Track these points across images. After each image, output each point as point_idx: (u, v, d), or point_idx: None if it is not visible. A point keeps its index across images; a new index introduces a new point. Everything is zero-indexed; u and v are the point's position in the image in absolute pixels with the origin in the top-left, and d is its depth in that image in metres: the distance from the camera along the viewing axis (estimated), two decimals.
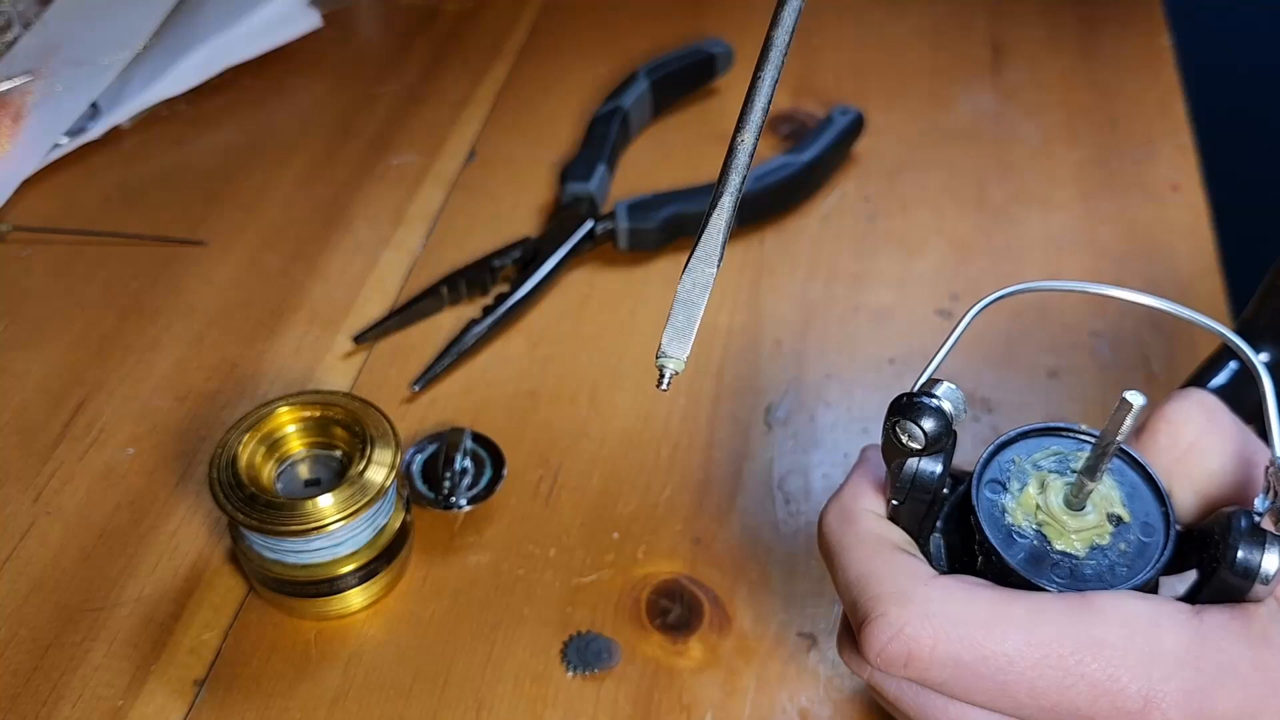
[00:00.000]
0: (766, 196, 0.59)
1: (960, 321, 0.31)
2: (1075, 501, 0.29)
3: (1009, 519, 0.30)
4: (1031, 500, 0.30)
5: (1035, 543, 0.29)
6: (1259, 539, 0.27)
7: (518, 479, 0.48)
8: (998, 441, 0.31)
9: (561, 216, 0.58)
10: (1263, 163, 0.73)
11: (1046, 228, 0.60)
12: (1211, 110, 0.62)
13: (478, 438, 0.47)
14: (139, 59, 0.66)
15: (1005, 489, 0.30)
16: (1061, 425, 0.31)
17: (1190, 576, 0.30)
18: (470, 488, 0.46)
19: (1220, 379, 0.35)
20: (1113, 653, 0.26)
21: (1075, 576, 0.29)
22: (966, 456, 0.33)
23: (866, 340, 0.55)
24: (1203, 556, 0.29)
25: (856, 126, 0.63)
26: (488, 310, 0.54)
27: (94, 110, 0.65)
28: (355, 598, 0.43)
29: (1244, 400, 0.31)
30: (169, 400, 0.51)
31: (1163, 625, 0.27)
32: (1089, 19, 0.74)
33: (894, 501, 0.31)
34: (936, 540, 0.32)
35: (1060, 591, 0.28)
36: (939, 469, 0.29)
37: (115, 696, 0.41)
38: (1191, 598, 0.29)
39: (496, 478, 0.46)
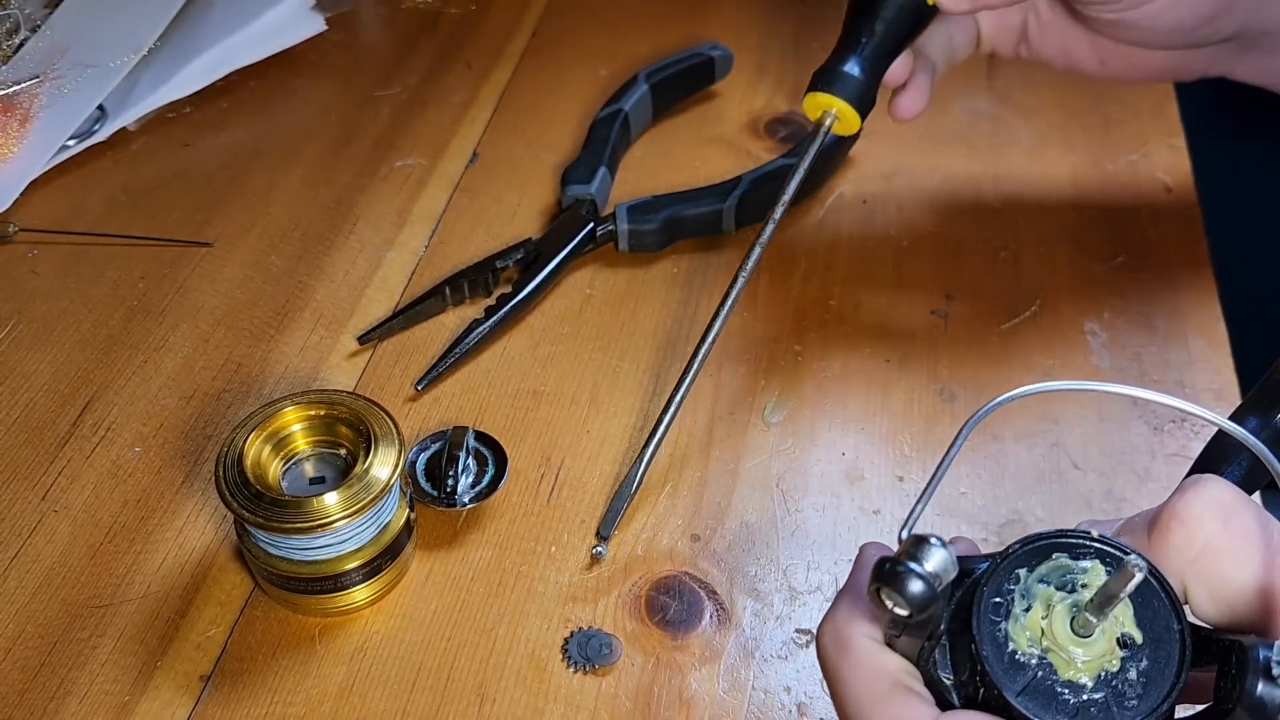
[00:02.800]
0: (765, 198, 0.59)
1: (951, 449, 0.29)
2: (1082, 630, 0.28)
3: (1013, 644, 0.28)
4: (1037, 624, 0.28)
5: (1039, 673, 0.28)
6: (1277, 675, 0.25)
7: (520, 477, 0.49)
8: (1001, 554, 0.29)
9: (563, 218, 0.58)
10: (1256, 164, 0.73)
11: (1041, 229, 0.61)
12: (1205, 112, 0.63)
13: (480, 436, 0.48)
14: (145, 62, 0.66)
15: (1009, 612, 0.28)
16: (1071, 533, 0.29)
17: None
18: (473, 485, 0.46)
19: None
20: None
21: (1081, 713, 0.27)
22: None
23: (863, 340, 0.55)
24: (1220, 683, 0.27)
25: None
26: (490, 310, 0.54)
27: (100, 113, 0.65)
28: (359, 594, 0.44)
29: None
30: (175, 399, 0.52)
31: None
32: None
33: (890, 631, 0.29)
34: (943, 645, 0.30)
35: None
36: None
37: (122, 692, 0.42)
38: None
39: (499, 475, 0.47)
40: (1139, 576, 0.25)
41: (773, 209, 0.48)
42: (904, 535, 0.28)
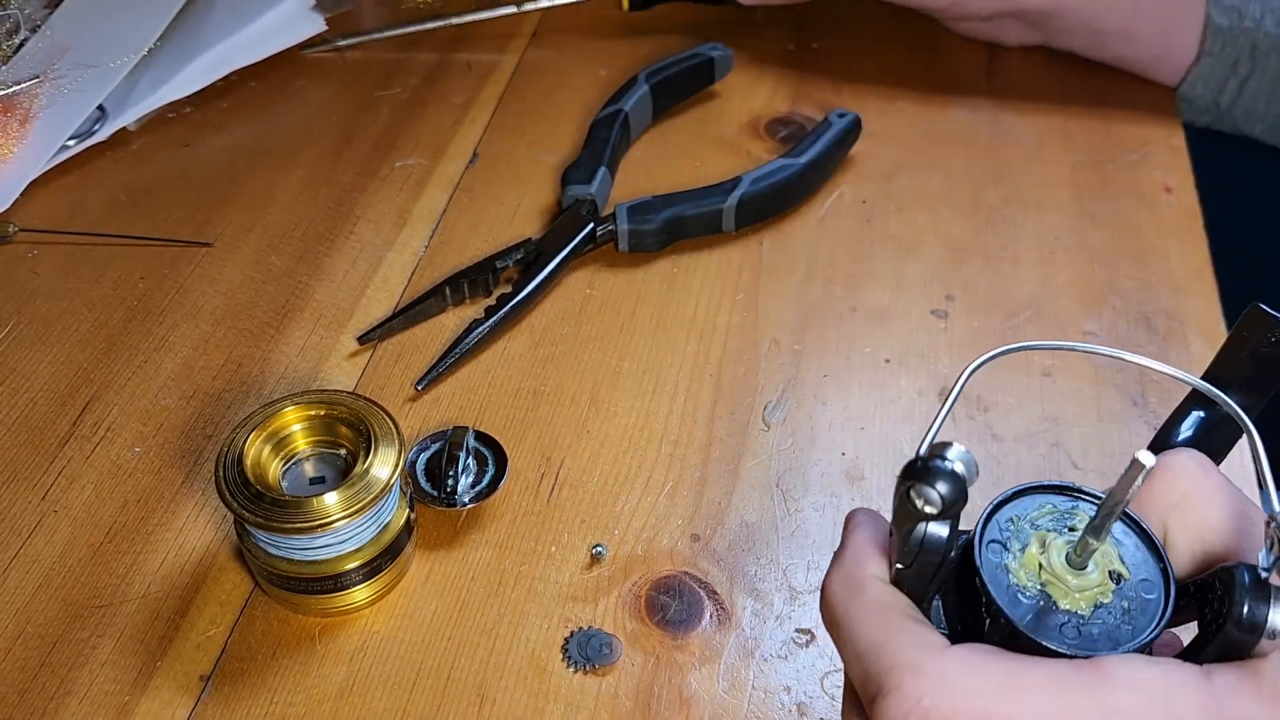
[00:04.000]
0: (765, 198, 0.59)
1: (957, 382, 0.31)
2: (1077, 560, 0.30)
3: (1012, 579, 0.30)
4: (1034, 560, 0.30)
5: (1040, 603, 0.29)
6: (1264, 593, 0.27)
7: (520, 477, 0.49)
8: (994, 501, 0.31)
9: (563, 218, 0.58)
10: (1255, 163, 0.73)
11: (1041, 229, 0.61)
12: None
13: (480, 436, 0.48)
14: (145, 62, 0.66)
15: (1006, 549, 0.30)
16: (1056, 483, 0.31)
17: (1189, 629, 0.30)
18: (473, 485, 0.46)
19: (1187, 431, 0.35)
20: (1128, 718, 0.26)
21: (1083, 636, 0.29)
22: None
23: (863, 340, 0.55)
24: (1204, 612, 0.29)
25: (854, 129, 0.63)
26: (490, 310, 0.54)
27: (101, 113, 0.65)
28: (359, 594, 0.44)
29: (1209, 452, 0.32)
30: (176, 399, 0.52)
31: (1176, 689, 0.27)
32: None
33: (899, 565, 0.30)
34: (936, 603, 0.31)
35: (1071, 652, 0.28)
36: (947, 532, 0.29)
37: (122, 692, 0.42)
38: (1192, 654, 0.29)
39: (499, 475, 0.47)
40: (1149, 466, 0.27)
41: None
42: (922, 451, 0.29)
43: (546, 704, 0.42)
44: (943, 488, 0.27)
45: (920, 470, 0.28)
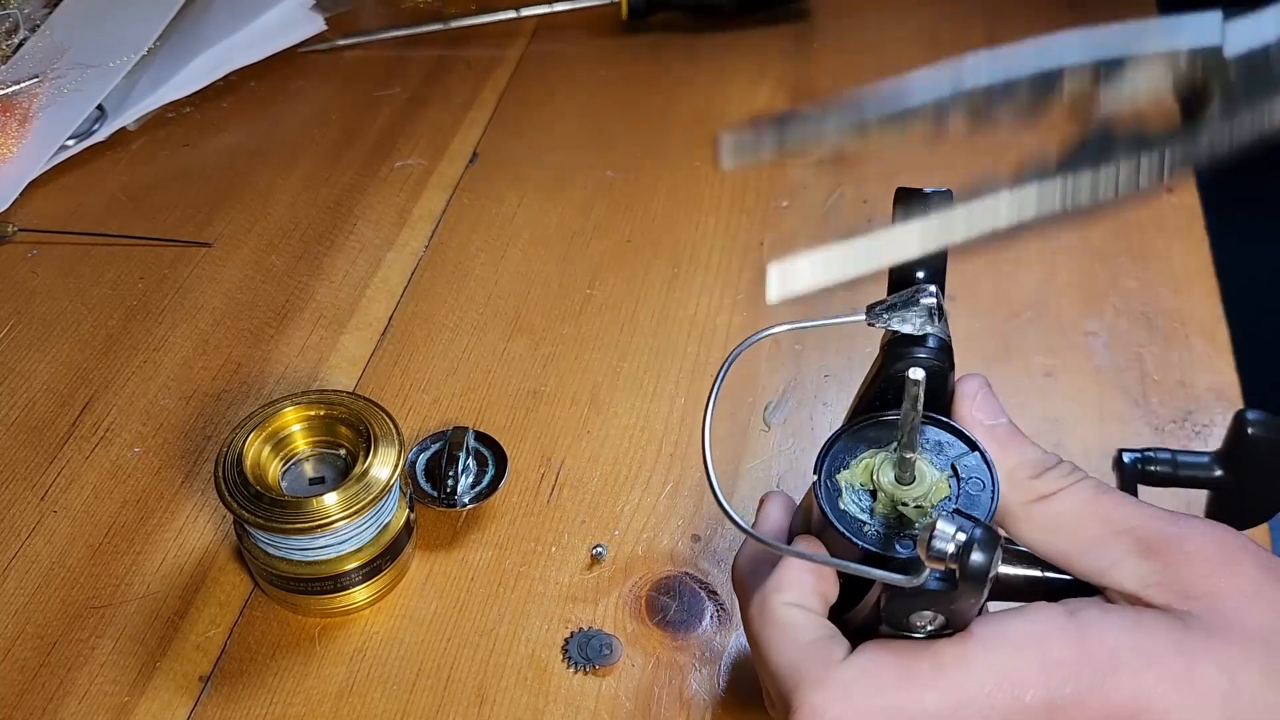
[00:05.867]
0: None
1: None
2: (905, 477, 0.32)
3: (866, 528, 0.32)
4: (886, 501, 0.32)
5: (896, 530, 0.32)
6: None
7: (520, 477, 0.49)
8: (822, 469, 0.33)
9: None
10: (1256, 163, 0.73)
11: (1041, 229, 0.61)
12: None
13: (480, 436, 0.48)
14: (145, 62, 0.66)
15: (861, 508, 0.33)
16: (860, 422, 0.35)
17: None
18: (473, 486, 0.46)
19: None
20: (1013, 677, 0.28)
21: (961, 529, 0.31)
22: None
23: (864, 341, 0.55)
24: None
25: None
26: None
27: (100, 113, 0.65)
28: (359, 594, 0.44)
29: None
30: (175, 399, 0.52)
31: (1049, 636, 0.29)
32: (1083, 23, 0.75)
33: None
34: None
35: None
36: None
37: (121, 692, 0.42)
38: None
39: (499, 476, 0.47)
40: (920, 375, 0.30)
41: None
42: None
43: (546, 704, 0.42)
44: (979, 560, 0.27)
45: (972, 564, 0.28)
